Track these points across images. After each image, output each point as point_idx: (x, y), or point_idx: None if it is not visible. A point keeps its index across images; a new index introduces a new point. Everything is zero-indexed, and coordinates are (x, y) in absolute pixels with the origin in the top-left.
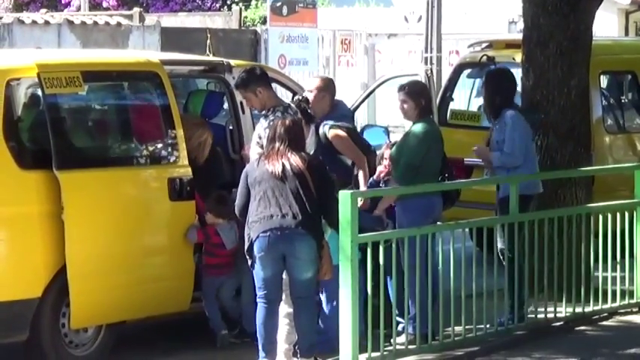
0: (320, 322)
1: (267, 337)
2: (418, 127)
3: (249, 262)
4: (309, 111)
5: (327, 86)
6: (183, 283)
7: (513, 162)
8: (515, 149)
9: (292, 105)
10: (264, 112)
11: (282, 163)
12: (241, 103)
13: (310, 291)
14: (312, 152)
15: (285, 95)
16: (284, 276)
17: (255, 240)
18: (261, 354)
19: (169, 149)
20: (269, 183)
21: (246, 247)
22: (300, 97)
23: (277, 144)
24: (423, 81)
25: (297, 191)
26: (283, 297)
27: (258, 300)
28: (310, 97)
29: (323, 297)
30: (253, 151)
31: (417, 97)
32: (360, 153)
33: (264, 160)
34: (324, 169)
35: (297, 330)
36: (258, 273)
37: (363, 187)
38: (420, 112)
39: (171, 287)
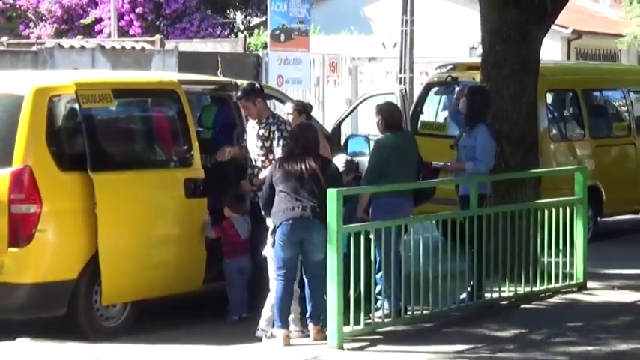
0: None
1: (284, 308)
2: (379, 141)
3: (270, 242)
4: (311, 114)
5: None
6: (196, 266)
7: (486, 168)
8: (487, 158)
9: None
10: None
11: (300, 167)
12: (246, 116)
13: (321, 269)
14: None
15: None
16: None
17: (278, 226)
18: (278, 323)
19: (186, 154)
20: (290, 182)
21: (270, 230)
22: (307, 103)
23: (296, 150)
24: (398, 98)
25: (312, 189)
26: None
27: (277, 278)
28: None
29: None
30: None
31: (383, 115)
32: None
33: (286, 162)
34: (333, 168)
35: (309, 301)
36: (279, 255)
37: None
38: (386, 127)
39: (187, 270)
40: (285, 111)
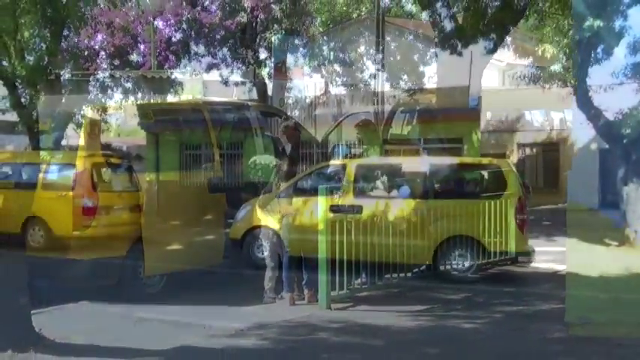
0: None
1: (291, 277)
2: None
3: (277, 228)
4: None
5: None
6: (217, 245)
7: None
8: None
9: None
10: None
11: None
12: (255, 129)
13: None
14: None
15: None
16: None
17: (285, 215)
18: (286, 288)
19: (209, 159)
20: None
21: (280, 215)
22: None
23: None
24: (372, 115)
25: None
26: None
27: (285, 254)
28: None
29: None
30: None
31: (363, 130)
32: None
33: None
34: None
35: (306, 272)
36: (287, 237)
37: None
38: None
39: (210, 248)
40: (280, 131)
